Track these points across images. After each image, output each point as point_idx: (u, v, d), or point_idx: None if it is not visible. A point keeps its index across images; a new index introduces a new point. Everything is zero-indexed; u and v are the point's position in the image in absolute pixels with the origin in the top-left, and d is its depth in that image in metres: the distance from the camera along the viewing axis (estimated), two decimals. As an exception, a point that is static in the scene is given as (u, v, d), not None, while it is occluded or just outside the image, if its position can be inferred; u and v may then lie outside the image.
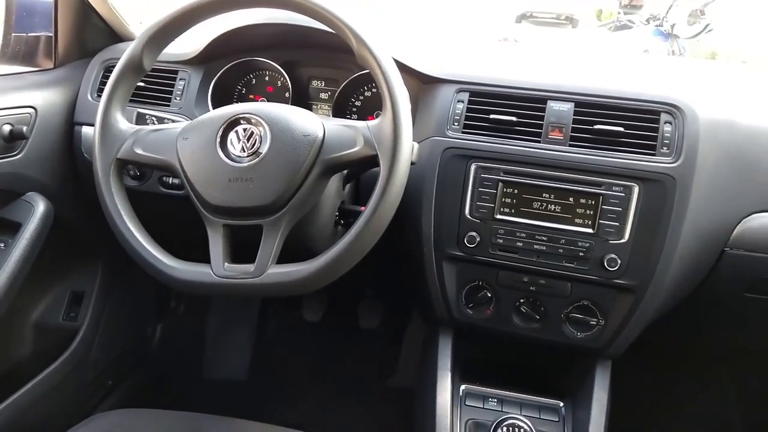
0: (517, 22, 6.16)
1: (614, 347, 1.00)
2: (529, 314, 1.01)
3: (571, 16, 6.40)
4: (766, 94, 1.14)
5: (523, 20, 6.22)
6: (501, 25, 5.43)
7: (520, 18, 6.22)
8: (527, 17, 6.27)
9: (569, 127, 0.97)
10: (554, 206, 0.96)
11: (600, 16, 6.52)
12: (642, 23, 4.13)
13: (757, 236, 0.95)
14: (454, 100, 1.02)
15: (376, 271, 1.39)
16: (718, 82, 1.22)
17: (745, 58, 4.28)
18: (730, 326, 1.23)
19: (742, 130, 0.98)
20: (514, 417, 0.83)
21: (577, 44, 3.88)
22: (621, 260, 0.93)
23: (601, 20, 6.13)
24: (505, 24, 5.66)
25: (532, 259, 0.98)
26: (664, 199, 0.92)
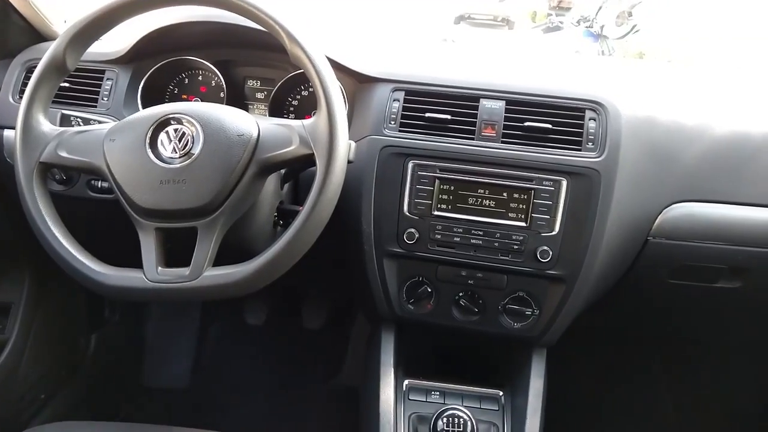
0: (455, 23, 6.28)
1: (548, 336, 1.03)
2: (468, 307, 1.03)
3: (507, 18, 6.57)
4: (684, 91, 1.21)
5: (462, 21, 6.35)
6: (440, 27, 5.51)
7: (458, 19, 6.33)
8: (465, 19, 6.40)
9: (501, 124, 1.00)
10: (489, 201, 0.99)
11: (534, 17, 6.72)
12: (573, 25, 4.29)
13: (677, 225, 1.01)
14: (390, 99, 1.03)
15: (318, 271, 1.39)
16: (640, 81, 1.28)
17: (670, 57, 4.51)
18: (657, 312, 1.30)
19: (662, 125, 1.04)
20: (454, 408, 0.85)
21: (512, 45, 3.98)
22: (552, 252, 0.97)
23: (535, 22, 6.32)
24: (444, 25, 5.75)
25: (469, 253, 1.00)
26: (590, 192, 0.96)
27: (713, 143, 1.03)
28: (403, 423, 1.00)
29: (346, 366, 1.71)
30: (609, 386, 1.74)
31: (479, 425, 0.96)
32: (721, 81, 1.43)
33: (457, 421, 0.82)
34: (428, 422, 0.89)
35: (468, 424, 0.82)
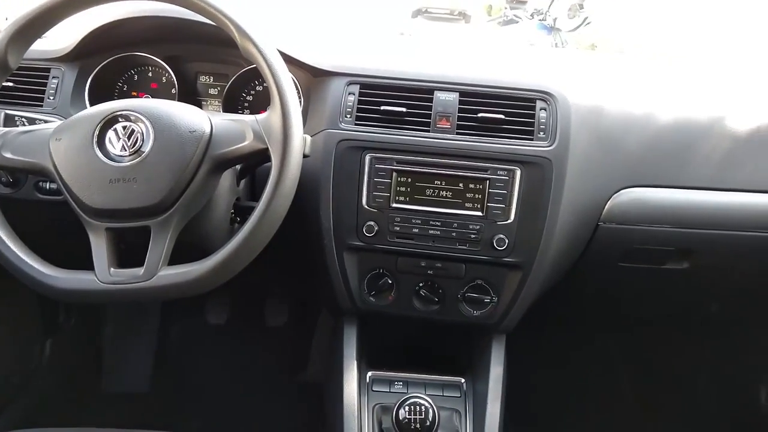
0: (413, 17, 6.30)
1: (507, 322, 1.06)
2: (428, 297, 1.05)
3: (464, 12, 6.64)
4: (631, 81, 1.25)
5: (419, 15, 6.37)
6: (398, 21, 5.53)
7: (415, 13, 6.36)
8: (422, 13, 6.43)
9: (455, 116, 1.01)
10: (446, 192, 1.00)
11: (490, 11, 6.80)
12: (527, 18, 4.36)
13: (626, 210, 1.05)
14: (345, 92, 1.03)
15: (279, 267, 1.38)
16: (589, 71, 1.32)
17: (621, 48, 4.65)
18: (610, 295, 1.34)
19: (608, 114, 1.07)
20: (416, 396, 0.87)
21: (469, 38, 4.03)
22: (508, 240, 0.99)
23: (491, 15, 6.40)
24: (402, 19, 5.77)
25: (428, 244, 1.01)
26: (542, 180, 0.99)
27: (658, 130, 1.07)
28: (367, 414, 1.01)
29: (311, 362, 1.71)
30: (568, 370, 1.79)
31: (442, 412, 0.98)
32: (668, 70, 1.48)
33: (419, 408, 0.83)
34: (391, 412, 0.90)
35: (429, 411, 0.83)
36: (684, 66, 1.59)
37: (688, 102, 1.14)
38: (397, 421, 0.82)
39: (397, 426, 0.82)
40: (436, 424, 0.82)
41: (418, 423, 0.81)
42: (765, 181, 1.06)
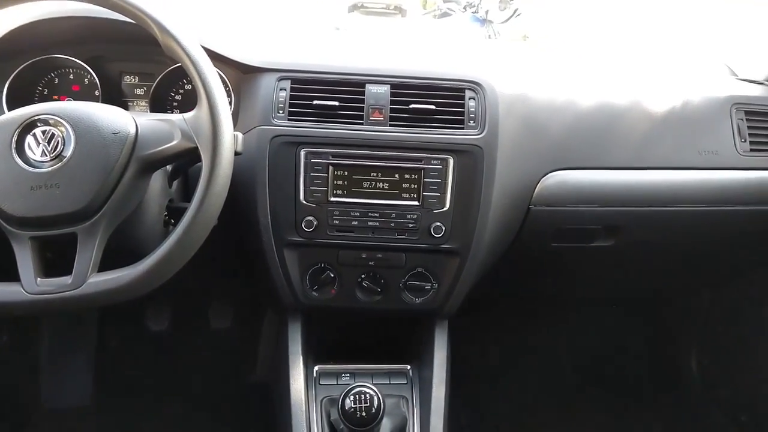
0: (349, 12, 6.28)
1: (448, 307, 1.08)
2: (370, 288, 1.06)
3: (399, 6, 6.68)
4: (554, 69, 1.30)
5: (355, 10, 6.37)
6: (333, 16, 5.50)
7: (351, 8, 6.35)
8: (358, 8, 6.43)
9: (388, 108, 1.03)
10: (383, 184, 1.02)
11: (425, 4, 6.87)
12: (461, 11, 4.43)
13: (554, 192, 1.10)
14: (277, 88, 1.03)
15: (221, 268, 1.36)
16: (515, 61, 1.36)
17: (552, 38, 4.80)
18: (545, 275, 1.40)
19: (534, 101, 1.12)
20: (360, 385, 0.88)
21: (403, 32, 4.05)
22: (445, 227, 1.02)
23: (426, 9, 6.47)
24: (337, 14, 5.74)
25: (367, 235, 1.02)
26: (474, 167, 1.02)
27: (580, 115, 1.13)
28: (315, 408, 1.02)
29: (259, 362, 1.69)
30: (510, 349, 1.85)
31: (389, 399, 1.00)
32: (590, 58, 1.55)
33: (364, 397, 0.84)
34: (338, 403, 0.91)
35: (375, 398, 0.85)
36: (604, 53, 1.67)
37: (608, 88, 1.19)
38: (343, 411, 0.83)
39: (343, 416, 0.83)
40: (382, 410, 0.83)
41: (363, 411, 0.83)
42: (680, 159, 1.13)
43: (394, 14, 6.83)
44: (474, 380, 1.73)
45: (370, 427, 0.82)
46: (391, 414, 0.98)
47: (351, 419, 0.83)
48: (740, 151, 1.15)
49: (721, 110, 1.17)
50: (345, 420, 0.83)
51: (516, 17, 4.52)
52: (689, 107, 1.16)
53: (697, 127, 1.15)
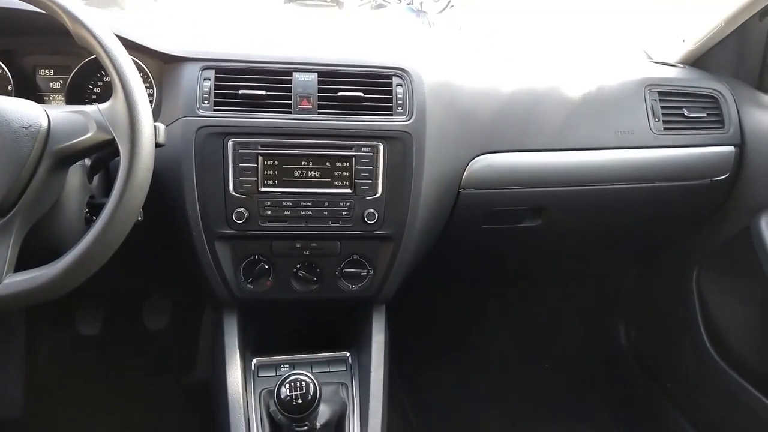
0: (285, 2, 6.20)
1: (385, 292, 1.10)
2: (306, 277, 1.06)
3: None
4: (480, 57, 1.34)
5: (291, 2, 6.29)
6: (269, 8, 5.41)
7: (287, 0, 6.27)
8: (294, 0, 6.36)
9: (316, 96, 1.02)
10: (314, 172, 1.01)
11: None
12: (396, 2, 4.45)
13: (482, 175, 1.13)
14: (200, 78, 1.00)
15: (153, 266, 1.32)
16: (444, 50, 1.39)
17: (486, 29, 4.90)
18: (480, 256, 1.44)
19: (459, 88, 1.14)
20: (295, 373, 0.87)
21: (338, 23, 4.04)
22: (378, 213, 1.02)
23: (362, 0, 6.46)
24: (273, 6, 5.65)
25: (301, 225, 1.02)
26: (404, 153, 1.03)
27: (503, 101, 1.16)
28: (254, 401, 1.01)
29: (199, 360, 1.66)
30: (450, 329, 1.89)
31: (328, 387, 1.01)
32: (516, 46, 1.60)
33: (300, 384, 0.84)
34: (273, 393, 0.90)
35: (311, 385, 0.84)
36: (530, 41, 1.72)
37: (530, 74, 1.24)
38: (278, 400, 0.83)
39: (280, 405, 0.83)
40: (318, 397, 0.83)
41: (299, 398, 0.82)
42: (599, 140, 1.19)
43: (330, 6, 6.81)
44: (416, 363, 1.76)
45: (306, 414, 0.82)
46: (330, 401, 0.98)
47: (287, 407, 0.83)
48: (654, 131, 1.21)
49: (635, 92, 1.23)
50: (281, 409, 0.83)
51: (450, 8, 4.60)
52: (606, 90, 1.22)
53: (614, 109, 1.21)
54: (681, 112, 1.24)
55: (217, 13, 1.98)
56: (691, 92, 1.27)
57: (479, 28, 4.80)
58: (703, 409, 1.46)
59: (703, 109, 1.26)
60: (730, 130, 1.26)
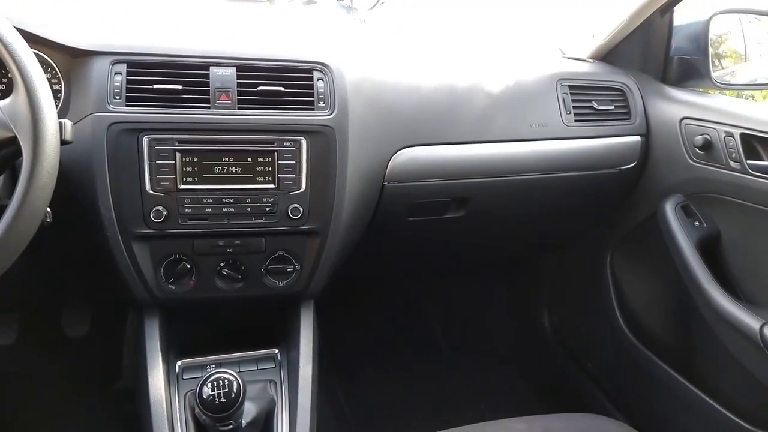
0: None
1: (312, 287, 1.09)
2: (231, 276, 1.04)
3: (266, -8, 6.53)
4: (404, 53, 1.36)
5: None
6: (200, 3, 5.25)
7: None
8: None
9: (235, 90, 1.00)
10: (235, 168, 1.00)
11: (292, -9, 6.77)
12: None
13: (405, 168, 1.15)
14: (111, 72, 0.96)
15: (69, 270, 1.26)
16: (366, 45, 1.40)
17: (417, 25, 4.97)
18: (407, 249, 1.46)
19: (381, 83, 1.16)
20: (218, 372, 0.86)
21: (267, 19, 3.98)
22: (303, 208, 1.02)
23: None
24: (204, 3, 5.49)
25: (223, 222, 1.00)
26: (328, 147, 1.03)
27: (424, 95, 1.19)
28: (179, 404, 0.98)
29: (124, 366, 1.60)
30: (384, 323, 1.92)
31: (256, 384, 1.00)
32: (439, 42, 1.63)
33: (223, 382, 0.83)
34: (201, 395, 0.88)
35: (234, 383, 0.83)
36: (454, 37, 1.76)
37: (450, 70, 1.27)
38: (201, 400, 0.81)
39: (202, 405, 0.81)
40: (242, 395, 0.82)
41: (222, 397, 0.81)
42: (514, 132, 1.24)
43: (261, 1, 6.68)
44: (351, 356, 1.77)
45: (230, 413, 0.81)
46: (257, 398, 0.97)
47: (210, 407, 0.81)
48: (566, 123, 1.27)
49: (547, 86, 1.28)
50: (204, 409, 0.81)
51: (381, 5, 4.62)
52: (520, 85, 1.27)
53: (528, 103, 1.26)
54: (590, 104, 1.31)
55: (135, 5, 1.90)
56: (600, 86, 1.34)
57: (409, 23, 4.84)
58: (620, 385, 1.56)
59: (611, 102, 1.33)
60: (636, 121, 1.34)
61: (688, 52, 1.37)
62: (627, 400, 1.53)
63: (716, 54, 1.56)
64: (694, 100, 1.28)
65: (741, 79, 1.62)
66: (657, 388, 1.38)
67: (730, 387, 1.19)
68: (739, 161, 1.13)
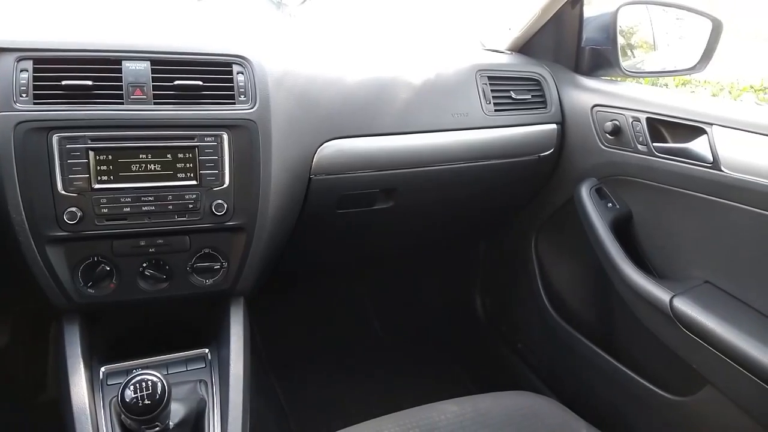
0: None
1: (241, 284, 1.08)
2: (155, 276, 1.01)
3: (194, -13, 6.32)
4: (328, 47, 1.36)
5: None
6: None
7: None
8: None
9: (150, 85, 0.98)
10: (154, 165, 0.97)
11: (219, -15, 6.59)
12: (256, -6, 4.34)
13: (331, 161, 1.15)
14: (17, 69, 0.92)
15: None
16: (289, 38, 1.39)
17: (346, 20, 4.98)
18: (340, 241, 1.47)
19: (304, 76, 1.15)
20: (140, 374, 0.84)
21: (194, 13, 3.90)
22: (227, 204, 1.01)
23: (219, -10, 6.22)
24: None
25: (143, 221, 0.97)
26: (251, 141, 1.02)
27: (349, 88, 1.19)
28: (104, 412, 0.95)
29: (49, 377, 1.53)
30: (321, 317, 1.92)
31: (184, 386, 0.98)
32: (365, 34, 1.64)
33: (146, 384, 0.81)
34: (127, 401, 0.86)
35: (158, 384, 0.81)
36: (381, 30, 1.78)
37: (374, 62, 1.28)
38: (124, 403, 0.79)
39: (125, 408, 0.79)
40: (166, 395, 0.81)
41: (146, 399, 0.79)
42: (438, 122, 1.26)
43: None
44: (288, 354, 1.76)
45: (155, 414, 0.79)
46: (186, 399, 0.95)
47: (134, 410, 0.79)
48: (486, 112, 1.31)
49: (467, 77, 1.32)
50: (128, 412, 0.79)
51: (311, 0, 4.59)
52: (442, 76, 1.30)
53: (450, 93, 1.29)
54: (509, 94, 1.35)
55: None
56: (517, 76, 1.39)
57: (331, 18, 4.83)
58: (548, 362, 1.63)
59: (528, 92, 1.39)
60: (552, 109, 1.40)
61: (598, 42, 1.44)
62: (555, 377, 1.60)
63: (629, 44, 1.65)
64: (604, 88, 1.35)
65: (650, 67, 1.72)
66: (581, 363, 1.45)
67: (646, 358, 1.27)
68: (645, 144, 1.21)
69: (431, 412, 1.00)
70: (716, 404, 1.08)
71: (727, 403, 1.05)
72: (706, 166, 1.09)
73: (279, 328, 1.78)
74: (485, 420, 0.98)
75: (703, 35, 1.44)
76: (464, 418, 0.98)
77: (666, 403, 1.19)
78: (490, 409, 1.00)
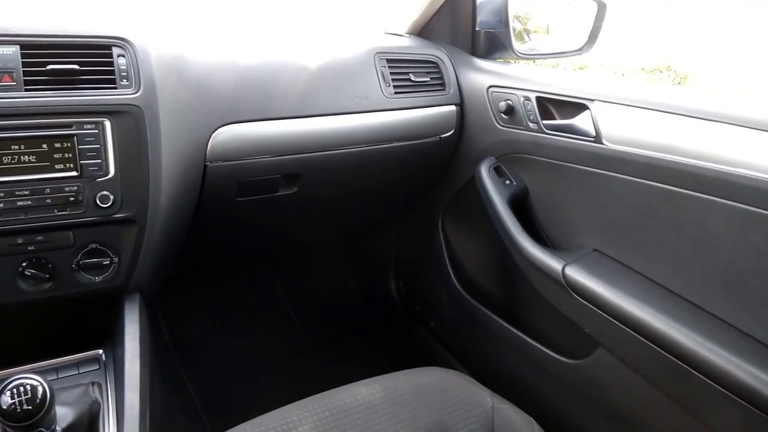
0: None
1: (135, 279, 1.03)
2: (36, 276, 0.94)
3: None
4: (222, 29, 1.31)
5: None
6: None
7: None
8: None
9: (20, 71, 0.90)
10: (29, 157, 0.90)
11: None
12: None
13: (227, 147, 1.12)
14: None
15: None
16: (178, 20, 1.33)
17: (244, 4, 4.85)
18: (242, 231, 1.43)
19: (194, 60, 1.10)
20: (19, 378, 0.78)
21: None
22: (114, 195, 0.95)
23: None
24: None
25: (20, 217, 0.90)
26: (137, 128, 0.97)
27: (244, 71, 1.16)
28: None
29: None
30: (233, 309, 1.87)
31: (75, 389, 0.92)
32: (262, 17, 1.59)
33: (24, 389, 0.75)
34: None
35: (39, 388, 0.76)
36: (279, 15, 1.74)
37: (270, 46, 1.25)
38: (1, 411, 0.73)
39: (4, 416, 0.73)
40: (48, 399, 0.75)
41: (26, 404, 0.74)
42: (338, 105, 1.25)
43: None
44: (198, 348, 1.71)
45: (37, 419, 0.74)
46: (76, 402, 0.90)
47: (12, 417, 0.73)
48: (386, 95, 1.32)
49: (366, 59, 1.32)
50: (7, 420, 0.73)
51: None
52: (340, 59, 1.29)
53: (349, 76, 1.28)
54: (408, 77, 1.37)
55: None
56: (415, 59, 1.41)
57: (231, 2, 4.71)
58: (459, 338, 1.68)
59: (427, 74, 1.41)
60: (450, 91, 1.43)
61: (492, 26, 1.49)
62: (465, 351, 1.65)
63: (525, 29, 1.72)
64: (498, 69, 1.40)
65: (544, 50, 1.79)
66: (489, 336, 1.50)
67: (545, 326, 1.34)
68: (536, 122, 1.26)
69: (342, 395, 1.00)
70: (608, 365, 1.16)
71: (618, 362, 1.13)
72: (589, 140, 1.15)
73: (189, 322, 1.72)
74: (395, 398, 0.99)
75: (590, 18, 1.53)
76: (374, 397, 0.99)
77: (563, 367, 1.26)
78: (399, 387, 1.02)
